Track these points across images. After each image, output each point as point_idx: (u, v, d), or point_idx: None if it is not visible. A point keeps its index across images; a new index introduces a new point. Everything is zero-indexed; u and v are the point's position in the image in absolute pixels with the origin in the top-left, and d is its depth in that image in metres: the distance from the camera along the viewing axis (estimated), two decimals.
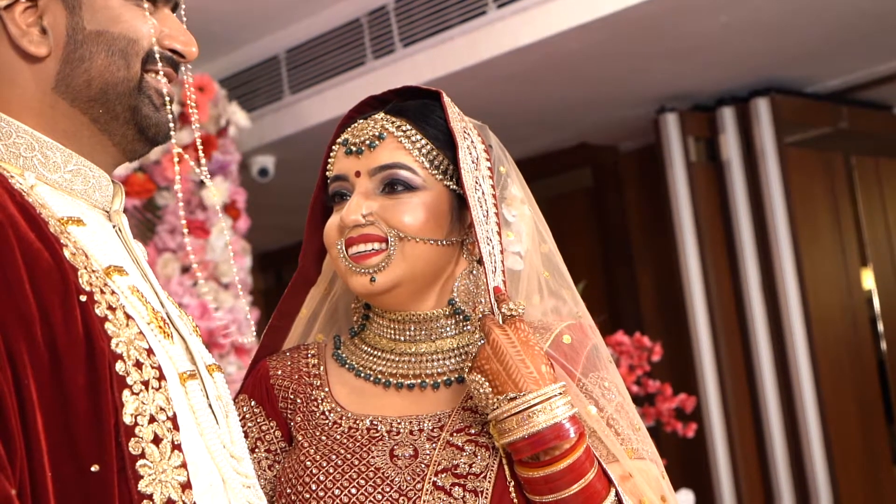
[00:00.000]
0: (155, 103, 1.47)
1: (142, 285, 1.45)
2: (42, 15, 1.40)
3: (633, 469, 1.75)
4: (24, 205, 1.32)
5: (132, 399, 1.30)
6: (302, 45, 5.17)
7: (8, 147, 1.40)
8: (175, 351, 1.41)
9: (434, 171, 1.79)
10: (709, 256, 5.37)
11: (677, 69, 5.02)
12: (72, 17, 1.41)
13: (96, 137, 1.45)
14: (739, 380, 5.34)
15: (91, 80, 1.42)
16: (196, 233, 4.53)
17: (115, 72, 1.43)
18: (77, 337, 1.27)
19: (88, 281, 1.32)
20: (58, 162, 1.42)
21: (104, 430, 1.26)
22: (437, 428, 1.75)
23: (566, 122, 5.66)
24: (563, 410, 1.63)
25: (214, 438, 1.41)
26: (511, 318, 1.68)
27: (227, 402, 1.51)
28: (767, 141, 5.30)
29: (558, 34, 4.36)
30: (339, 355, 1.89)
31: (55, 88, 1.42)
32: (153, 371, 1.34)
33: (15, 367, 1.22)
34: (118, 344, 1.31)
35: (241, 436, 1.52)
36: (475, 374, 1.67)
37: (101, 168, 1.47)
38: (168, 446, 1.32)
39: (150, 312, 1.41)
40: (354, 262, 1.77)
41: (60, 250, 1.31)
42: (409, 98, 1.87)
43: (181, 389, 1.39)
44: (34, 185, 1.38)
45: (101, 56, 1.42)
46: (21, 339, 1.22)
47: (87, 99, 1.43)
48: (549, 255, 1.95)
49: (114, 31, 1.43)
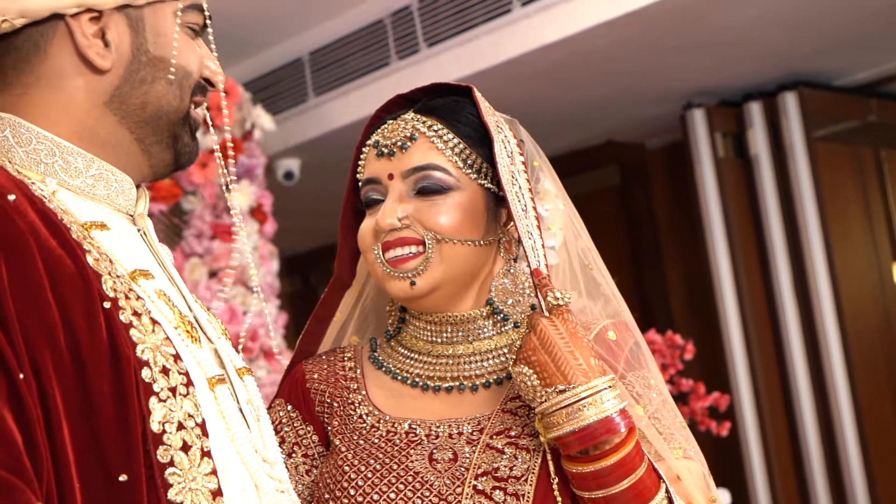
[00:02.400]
0: (193, 133, 1.50)
1: (168, 289, 1.43)
2: (105, 29, 1.40)
3: (681, 469, 1.72)
4: (45, 211, 1.30)
5: (159, 406, 1.28)
6: (325, 46, 5.16)
7: (28, 153, 1.38)
8: (203, 355, 1.40)
9: (468, 170, 1.76)
10: (739, 253, 5.33)
11: (704, 64, 4.98)
12: (136, 36, 1.42)
13: (134, 155, 1.45)
14: (772, 377, 5.30)
15: (147, 103, 1.43)
16: (223, 237, 4.52)
17: (172, 100, 1.45)
18: (101, 344, 1.25)
19: (112, 287, 1.31)
20: (79, 167, 1.40)
21: (131, 439, 1.25)
22: (477, 431, 1.72)
23: (592, 119, 5.63)
24: (613, 404, 1.59)
25: (246, 443, 1.39)
26: (558, 308, 1.64)
27: (258, 405, 1.49)
28: (796, 135, 5.26)
29: (584, 31, 4.34)
30: (375, 358, 1.86)
31: (108, 103, 1.42)
32: (180, 377, 1.32)
33: (39, 377, 1.20)
34: (144, 350, 1.29)
35: (273, 439, 1.50)
36: (521, 365, 1.63)
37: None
38: (197, 453, 1.30)
39: (178, 316, 1.39)
40: (392, 266, 1.75)
41: (83, 257, 1.30)
42: (438, 96, 1.84)
43: (210, 394, 1.37)
44: (55, 190, 1.37)
45: (162, 83, 1.44)
46: (45, 348, 1.21)
47: (139, 119, 1.44)
48: (586, 251, 1.92)
49: (174, 61, 1.44)
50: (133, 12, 1.42)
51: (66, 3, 1.37)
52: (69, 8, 1.38)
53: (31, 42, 1.39)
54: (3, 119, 1.40)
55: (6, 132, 1.39)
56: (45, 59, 1.40)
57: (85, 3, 1.38)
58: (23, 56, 1.40)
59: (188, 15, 1.47)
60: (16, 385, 1.18)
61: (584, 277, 1.90)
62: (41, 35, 1.39)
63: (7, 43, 1.39)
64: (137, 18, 1.42)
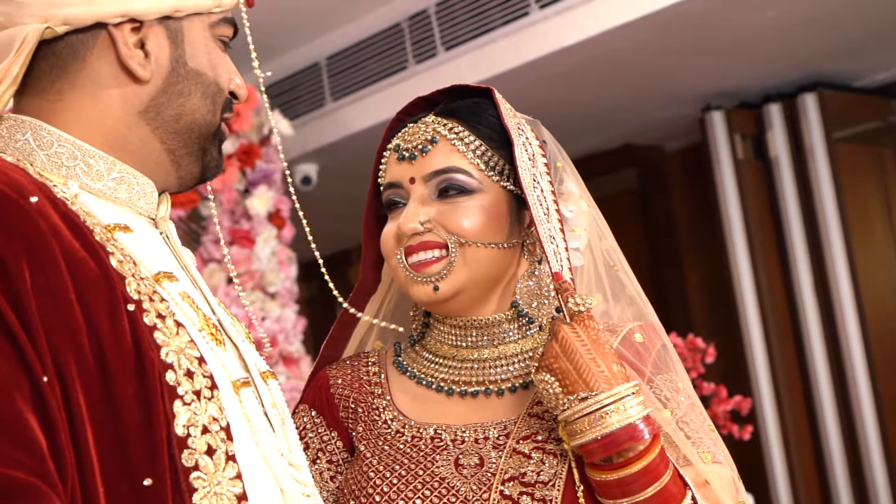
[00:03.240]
0: (220, 147, 1.50)
1: (192, 292, 1.42)
2: (144, 39, 1.41)
3: (709, 474, 1.70)
4: (67, 214, 1.30)
5: (184, 409, 1.27)
6: (343, 51, 5.16)
7: (49, 157, 1.38)
8: (228, 358, 1.39)
9: (490, 172, 1.74)
10: (759, 255, 5.31)
11: (723, 66, 4.97)
12: (175, 48, 1.43)
13: (164, 166, 1.46)
14: (793, 380, 5.28)
15: (182, 116, 1.44)
16: (241, 242, 4.52)
17: (205, 114, 1.46)
18: (126, 347, 1.24)
19: (136, 289, 1.30)
20: (101, 170, 1.40)
21: (156, 443, 1.24)
22: (503, 435, 1.71)
23: (610, 122, 5.62)
24: (637, 410, 1.58)
25: (271, 447, 1.38)
26: (579, 314, 1.62)
27: (282, 409, 1.48)
28: (816, 137, 5.24)
29: (602, 33, 4.34)
30: (399, 363, 1.85)
31: (142, 113, 1.42)
32: (205, 380, 1.31)
33: (63, 381, 1.19)
34: (168, 353, 1.28)
35: (298, 444, 1.49)
36: (543, 373, 1.62)
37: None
38: (222, 457, 1.29)
39: (202, 319, 1.38)
40: (415, 270, 1.73)
41: (107, 259, 1.29)
42: (458, 98, 1.83)
43: (235, 398, 1.36)
44: (77, 193, 1.36)
45: (197, 96, 1.44)
46: (68, 351, 1.20)
47: (172, 131, 1.44)
48: (611, 252, 1.90)
49: (210, 76, 1.45)
50: (173, 24, 1.42)
51: (110, 13, 1.38)
52: (113, 17, 1.38)
53: (70, 49, 1.39)
54: (24, 122, 1.39)
55: (27, 135, 1.39)
56: (83, 67, 1.40)
57: (129, 13, 1.38)
58: (60, 63, 1.40)
59: (220, 28, 1.48)
60: (40, 388, 1.17)
61: (608, 278, 1.89)
62: (81, 43, 1.39)
63: (46, 49, 1.39)
64: (176, 30, 1.43)
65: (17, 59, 1.35)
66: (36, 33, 1.36)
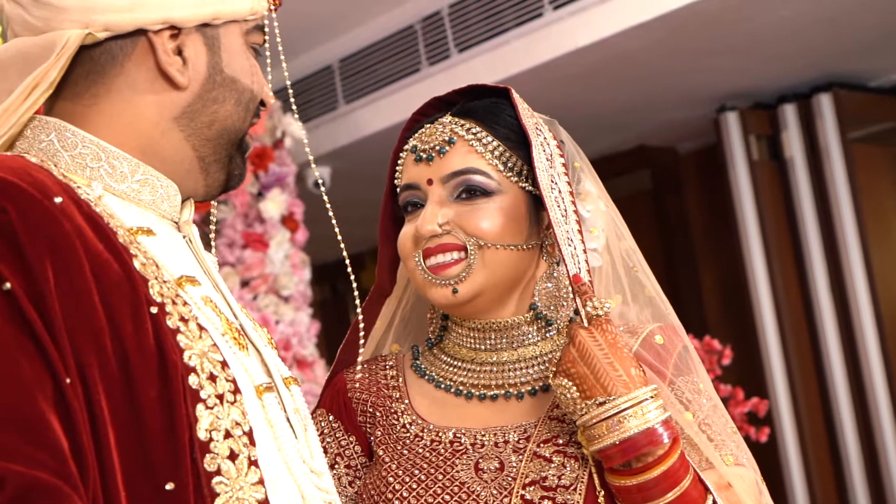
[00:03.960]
0: (244, 156, 1.51)
1: (215, 296, 1.42)
2: (182, 46, 1.41)
3: (732, 477, 1.68)
4: (91, 215, 1.29)
5: (206, 413, 1.26)
6: (355, 53, 5.16)
7: (74, 158, 1.37)
8: (250, 363, 1.38)
9: (508, 172, 1.73)
10: (774, 256, 5.30)
11: (737, 66, 4.95)
12: (212, 55, 1.43)
13: (193, 173, 1.45)
14: (810, 382, 5.26)
15: (214, 122, 1.44)
16: (255, 246, 4.51)
17: (236, 121, 1.46)
18: (148, 350, 1.23)
19: (159, 292, 1.29)
20: (125, 172, 1.39)
21: (178, 447, 1.23)
22: (523, 439, 1.69)
23: (624, 124, 5.61)
24: (656, 415, 1.56)
25: (293, 453, 1.37)
26: (597, 318, 1.61)
27: (305, 415, 1.47)
28: (831, 137, 5.23)
29: (616, 34, 4.33)
30: (417, 366, 1.83)
31: (177, 119, 1.42)
32: (228, 384, 1.30)
33: (85, 382, 1.18)
34: (191, 356, 1.27)
35: (320, 450, 1.48)
36: (561, 378, 1.60)
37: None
38: (245, 462, 1.28)
39: (225, 323, 1.37)
40: (433, 273, 1.72)
41: (130, 261, 1.28)
42: (475, 98, 1.81)
43: (257, 403, 1.35)
44: (101, 195, 1.36)
45: (231, 103, 1.45)
46: (91, 352, 1.19)
47: (204, 138, 1.44)
48: (630, 252, 1.88)
49: (244, 83, 1.46)
50: (210, 31, 1.43)
51: (151, 20, 1.38)
52: (154, 24, 1.38)
53: (108, 55, 1.39)
54: (48, 123, 1.39)
55: (51, 136, 1.38)
56: (120, 73, 1.40)
57: (169, 20, 1.39)
58: (97, 68, 1.40)
59: (252, 35, 1.48)
60: (62, 390, 1.16)
61: (628, 279, 1.87)
62: (120, 49, 1.39)
63: (84, 53, 1.39)
64: (213, 37, 1.43)
65: (56, 63, 1.36)
66: (77, 39, 1.36)
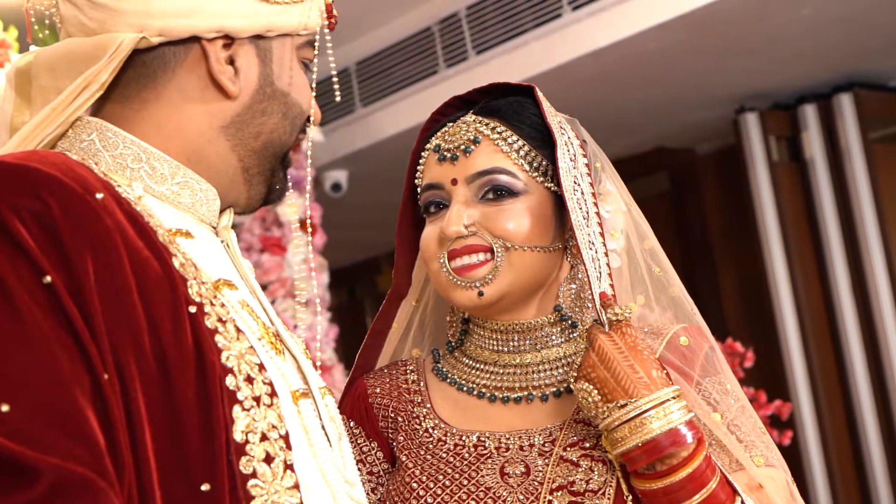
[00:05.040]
0: (285, 170, 1.50)
1: (251, 301, 1.41)
2: (234, 56, 1.41)
3: (763, 478, 1.65)
4: (132, 213, 1.29)
5: (243, 415, 1.25)
6: (372, 56, 5.15)
7: (115, 158, 1.37)
8: (287, 368, 1.37)
9: (534, 173, 1.70)
10: (795, 258, 5.28)
11: (756, 67, 4.94)
12: (263, 67, 1.43)
13: (237, 183, 1.45)
14: (832, 384, 5.24)
15: (260, 134, 1.44)
16: (272, 250, 4.49)
17: (282, 134, 1.46)
18: (187, 349, 1.23)
19: (198, 292, 1.28)
20: (165, 174, 1.39)
21: (215, 447, 1.22)
22: (549, 442, 1.66)
23: (643, 125, 5.59)
24: (679, 415, 1.54)
25: (328, 460, 1.36)
26: (617, 323, 1.59)
27: (339, 424, 1.47)
28: (852, 137, 5.21)
29: (635, 35, 4.32)
30: (439, 369, 1.80)
31: (225, 128, 1.42)
32: (265, 387, 1.29)
33: (123, 379, 1.18)
34: (229, 357, 1.27)
35: (353, 461, 1.47)
36: (582, 382, 1.58)
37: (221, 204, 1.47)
38: (280, 466, 1.27)
39: (261, 327, 1.37)
40: (458, 274, 1.69)
41: (170, 260, 1.27)
42: (497, 96, 1.78)
43: (293, 408, 1.34)
44: (141, 195, 1.35)
45: (278, 116, 1.45)
46: (129, 350, 1.18)
47: (250, 149, 1.44)
48: (653, 252, 1.85)
49: (294, 97, 1.46)
50: (262, 43, 1.43)
51: (206, 27, 1.38)
52: (208, 32, 1.38)
53: (160, 60, 1.39)
54: (90, 123, 1.39)
55: (93, 136, 1.38)
56: (171, 79, 1.40)
57: (224, 28, 1.39)
58: (149, 72, 1.40)
59: (304, 50, 1.48)
60: (100, 386, 1.15)
61: (650, 280, 1.84)
62: (173, 55, 1.40)
63: (136, 57, 1.39)
64: (266, 49, 1.43)
65: (108, 65, 1.36)
66: (131, 42, 1.36)
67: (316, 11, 1.48)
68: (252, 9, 1.40)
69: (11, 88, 1.44)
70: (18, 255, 1.15)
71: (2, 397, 1.09)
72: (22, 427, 1.09)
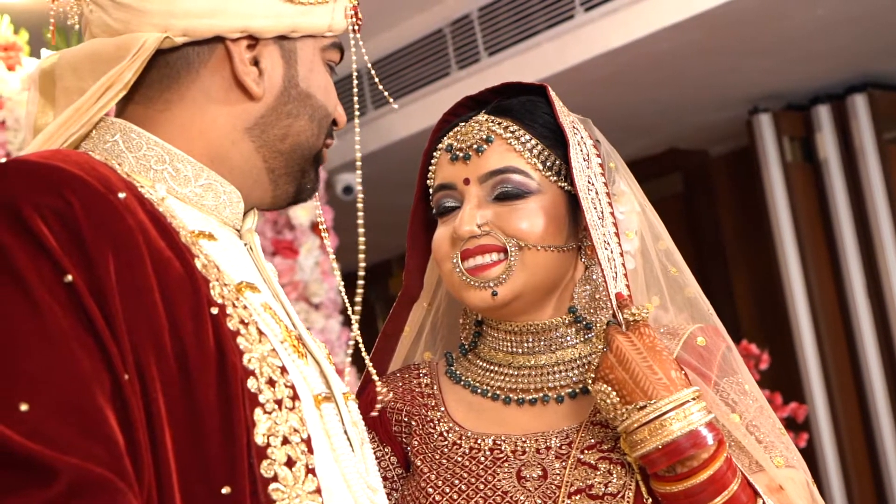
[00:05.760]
0: (317, 170, 1.49)
1: (274, 305, 1.40)
2: (258, 57, 1.40)
3: (784, 479, 1.63)
4: (154, 213, 1.28)
5: (264, 418, 1.24)
6: (384, 58, 5.15)
7: (138, 159, 1.36)
8: (309, 372, 1.36)
9: (547, 172, 1.68)
10: (810, 260, 5.25)
11: (770, 67, 4.92)
12: (288, 68, 1.42)
13: (261, 183, 1.44)
14: (847, 387, 5.22)
15: (287, 136, 1.43)
16: (284, 253, 4.48)
17: (310, 137, 1.45)
18: (208, 350, 1.22)
19: (220, 293, 1.27)
20: (188, 175, 1.38)
21: (236, 450, 1.21)
22: (566, 445, 1.64)
23: (656, 126, 5.58)
24: (699, 416, 1.52)
25: (351, 465, 1.34)
26: (635, 323, 1.57)
27: (362, 429, 1.45)
28: (866, 138, 5.19)
29: (649, 35, 4.31)
30: (452, 372, 1.78)
31: (249, 129, 1.41)
32: (287, 390, 1.27)
33: (143, 380, 1.17)
34: (250, 360, 1.25)
35: (375, 467, 1.45)
36: (600, 384, 1.56)
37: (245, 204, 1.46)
38: (302, 470, 1.26)
39: (284, 331, 1.36)
40: (471, 275, 1.67)
41: (192, 260, 1.27)
42: (509, 96, 1.77)
43: (315, 412, 1.33)
44: (164, 197, 1.34)
45: (305, 118, 1.43)
46: (150, 350, 1.18)
47: (276, 151, 1.43)
48: (669, 253, 1.83)
49: (319, 99, 1.45)
50: (287, 44, 1.42)
51: (231, 28, 1.37)
52: (232, 32, 1.38)
53: (184, 60, 1.39)
54: (114, 124, 1.38)
55: (116, 136, 1.37)
56: (195, 79, 1.39)
57: (249, 29, 1.38)
58: (172, 73, 1.39)
59: (329, 52, 1.47)
60: (120, 386, 1.14)
61: (665, 281, 1.82)
62: (197, 55, 1.39)
63: (160, 58, 1.38)
64: (290, 50, 1.42)
65: (131, 65, 1.35)
66: (155, 42, 1.35)
67: (341, 13, 1.47)
68: (276, 9, 1.39)
69: (35, 89, 1.44)
70: (40, 254, 1.14)
71: (21, 396, 1.09)
72: (40, 426, 1.08)
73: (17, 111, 3.43)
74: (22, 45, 3.61)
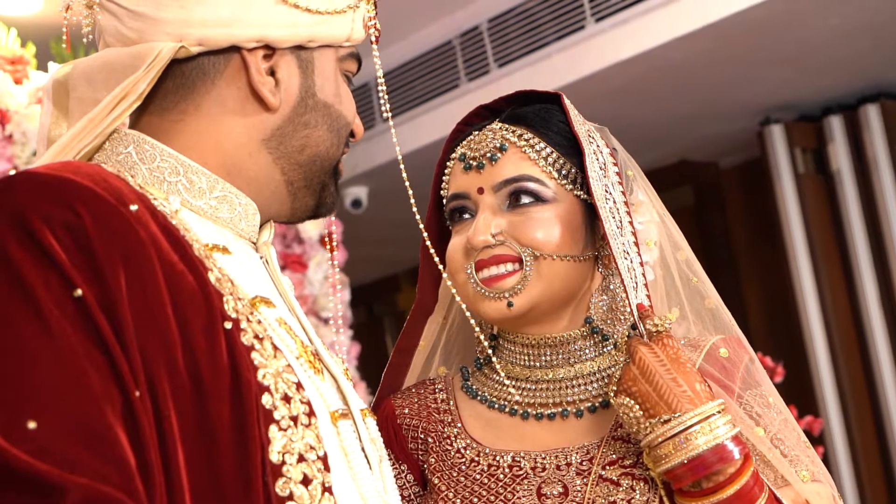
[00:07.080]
0: (337, 183, 1.49)
1: (290, 319, 1.38)
2: (275, 67, 1.38)
3: (809, 493, 1.60)
4: (167, 226, 1.26)
5: (280, 435, 1.21)
6: (393, 70, 5.13)
7: (152, 171, 1.35)
8: (326, 388, 1.34)
9: (563, 180, 1.65)
10: (823, 272, 5.22)
11: (782, 77, 4.90)
12: (305, 78, 1.41)
13: (280, 196, 1.42)
14: (862, 400, 5.19)
15: (306, 147, 1.41)
16: (293, 266, 4.46)
17: (329, 147, 1.43)
18: (222, 366, 1.19)
19: (234, 308, 1.25)
20: (203, 187, 1.36)
21: (251, 468, 1.18)
22: (587, 461, 1.61)
23: (666, 138, 5.55)
24: (725, 430, 1.48)
25: (369, 484, 1.32)
26: (658, 334, 1.53)
27: (380, 446, 1.43)
28: (879, 149, 5.16)
29: (659, 46, 4.29)
30: (468, 387, 1.75)
31: (266, 141, 1.39)
32: (302, 406, 1.25)
33: (155, 397, 1.15)
34: (265, 375, 1.23)
35: (394, 485, 1.42)
36: (622, 397, 1.53)
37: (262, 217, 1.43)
38: (318, 488, 1.23)
39: (300, 346, 1.33)
40: (486, 285, 1.64)
41: (205, 274, 1.24)
42: (524, 104, 1.74)
43: (332, 429, 1.30)
44: (178, 209, 1.33)
45: (324, 129, 1.42)
46: (162, 366, 1.15)
47: (294, 162, 1.41)
48: (689, 263, 1.80)
49: (338, 109, 1.44)
50: (304, 54, 1.40)
51: (247, 37, 1.36)
52: (248, 42, 1.36)
53: (199, 70, 1.37)
54: (127, 136, 1.36)
55: (129, 148, 1.36)
56: (210, 90, 1.38)
57: (265, 38, 1.37)
58: (188, 83, 1.37)
59: (347, 62, 1.46)
60: (131, 403, 1.12)
61: (686, 291, 1.78)
62: (212, 65, 1.37)
63: (175, 68, 1.36)
64: (307, 60, 1.41)
65: (146, 75, 1.33)
66: (170, 51, 1.33)
67: (360, 23, 1.45)
68: (293, 19, 1.37)
69: (49, 100, 1.42)
70: (49, 268, 1.13)
71: (29, 414, 1.07)
72: (49, 445, 1.06)
73: (24, 125, 3.41)
74: (29, 58, 3.59)
